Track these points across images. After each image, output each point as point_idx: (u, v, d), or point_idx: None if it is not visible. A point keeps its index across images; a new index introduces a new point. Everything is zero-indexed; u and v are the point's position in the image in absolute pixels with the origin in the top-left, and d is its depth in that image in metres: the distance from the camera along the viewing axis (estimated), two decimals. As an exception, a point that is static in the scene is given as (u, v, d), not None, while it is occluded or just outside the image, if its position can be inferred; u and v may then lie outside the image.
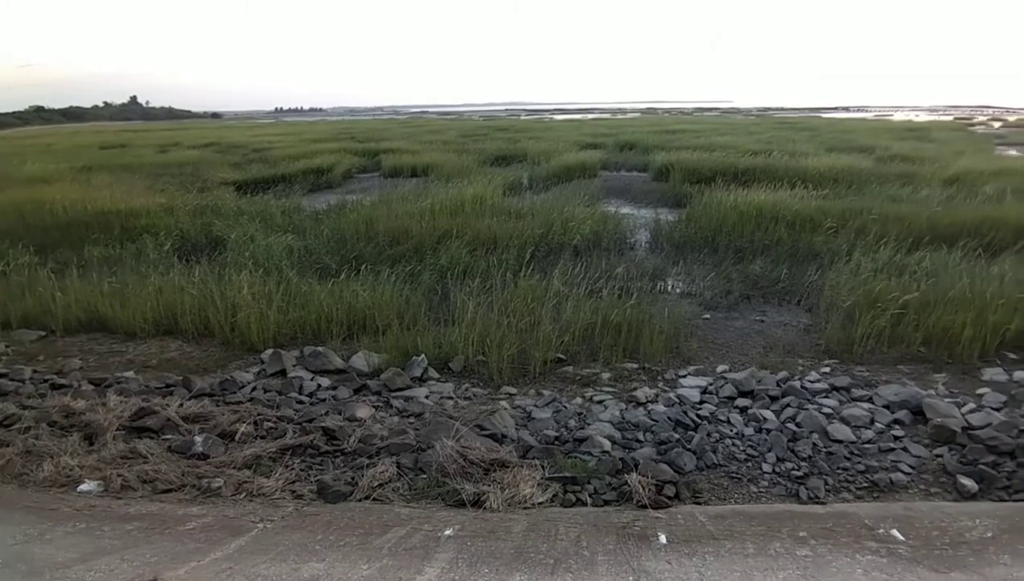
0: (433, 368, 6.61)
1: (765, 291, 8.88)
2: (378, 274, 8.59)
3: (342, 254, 10.01)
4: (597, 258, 9.55)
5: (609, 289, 7.80)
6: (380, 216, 11.78)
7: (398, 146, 27.80)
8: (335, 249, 10.34)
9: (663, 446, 4.98)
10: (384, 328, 7.33)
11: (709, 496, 4.46)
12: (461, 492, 4.30)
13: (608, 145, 27.80)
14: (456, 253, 9.67)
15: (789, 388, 5.90)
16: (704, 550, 3.71)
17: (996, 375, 6.28)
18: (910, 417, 5.42)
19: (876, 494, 4.48)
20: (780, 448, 4.93)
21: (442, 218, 11.64)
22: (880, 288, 7.36)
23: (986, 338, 6.67)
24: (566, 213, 11.68)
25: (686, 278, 9.50)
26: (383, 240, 10.72)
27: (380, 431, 5.25)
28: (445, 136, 35.08)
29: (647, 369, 6.57)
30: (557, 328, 6.89)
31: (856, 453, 4.92)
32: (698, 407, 5.66)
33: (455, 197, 13.28)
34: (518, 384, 6.36)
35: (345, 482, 4.52)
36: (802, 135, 30.27)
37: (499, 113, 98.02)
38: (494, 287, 7.96)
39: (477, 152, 24.88)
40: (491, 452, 4.79)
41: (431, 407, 5.76)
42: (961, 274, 7.69)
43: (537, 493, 4.35)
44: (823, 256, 9.67)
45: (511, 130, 40.12)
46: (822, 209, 11.82)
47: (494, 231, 10.83)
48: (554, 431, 5.27)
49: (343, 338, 7.40)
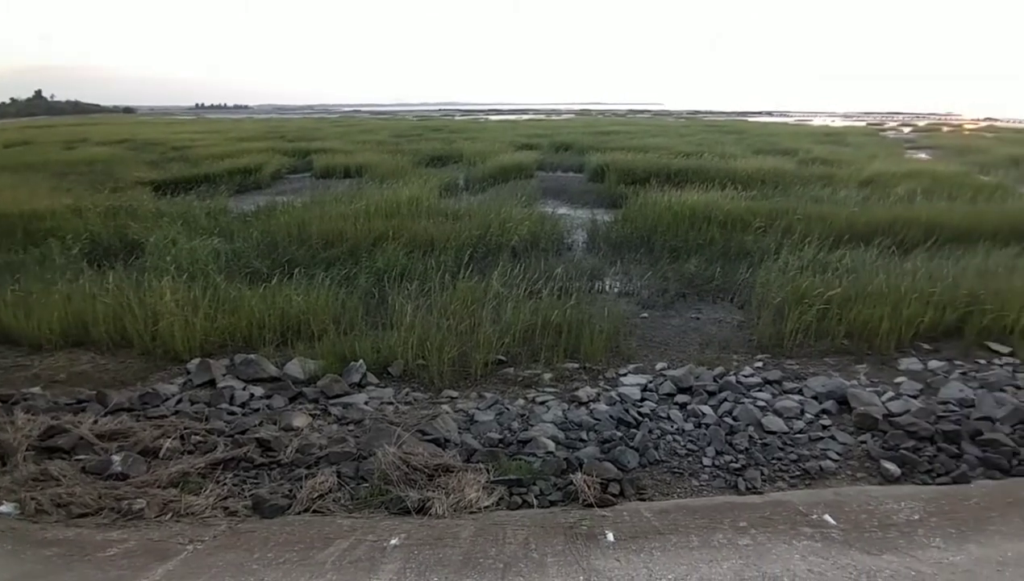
0: (372, 373, 6.46)
1: (700, 289, 9.16)
2: (312, 278, 8.32)
3: (273, 258, 9.63)
4: (536, 259, 9.59)
5: (548, 290, 7.83)
6: (313, 218, 11.43)
7: (330, 146, 27.04)
8: (266, 252, 9.95)
9: (606, 444, 5.04)
10: (320, 333, 7.10)
11: (653, 492, 4.55)
12: (405, 499, 4.21)
13: (544, 146, 27.99)
14: (393, 255, 9.50)
15: (725, 383, 6.10)
16: (651, 545, 3.77)
17: (912, 364, 6.72)
18: (836, 407, 5.72)
19: (808, 481, 4.70)
20: (719, 442, 5.09)
21: (378, 220, 11.41)
22: (806, 285, 7.72)
23: (902, 330, 7.14)
24: (503, 214, 11.68)
25: (623, 277, 9.67)
26: (317, 243, 10.40)
27: (318, 440, 5.08)
28: (379, 136, 34.40)
29: (588, 369, 6.64)
30: (497, 330, 6.87)
31: (789, 443, 5.15)
32: (639, 405, 5.76)
33: (390, 198, 13.06)
34: (460, 387, 6.30)
35: (283, 495, 4.34)
36: (730, 138, 31.42)
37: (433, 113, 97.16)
38: (433, 289, 7.86)
39: (412, 152, 24.53)
40: (435, 457, 4.72)
41: (371, 413, 5.62)
42: (878, 270, 8.20)
43: (483, 497, 4.32)
44: (753, 254, 10.06)
45: (446, 130, 39.81)
46: (751, 209, 12.28)
47: (431, 233, 10.71)
48: (498, 433, 5.25)
49: (277, 345, 7.12)
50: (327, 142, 29.46)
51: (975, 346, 7.14)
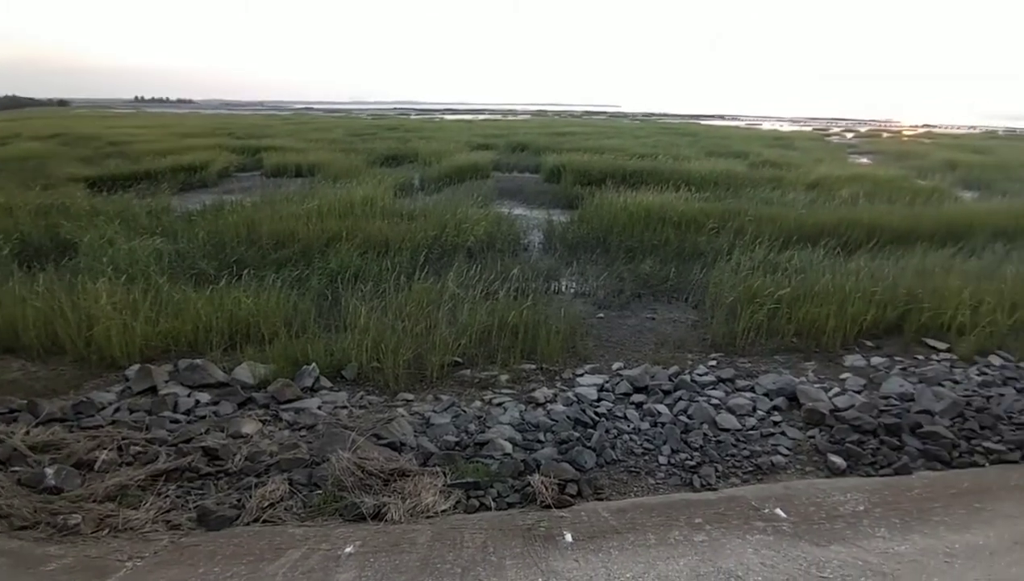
0: (325, 377, 6.30)
1: (655, 289, 9.28)
2: (262, 279, 8.06)
3: (221, 258, 9.29)
4: (492, 260, 9.55)
5: (505, 291, 7.81)
6: (263, 218, 11.09)
7: (281, 144, 26.32)
8: (213, 253, 9.59)
9: (564, 445, 5.04)
10: (271, 337, 6.87)
11: (610, 491, 4.57)
12: (360, 506, 4.12)
13: (500, 146, 28.02)
14: (346, 256, 9.30)
15: (680, 382, 6.19)
16: (609, 545, 3.79)
17: (856, 361, 6.97)
18: (786, 403, 5.88)
19: (760, 476, 4.81)
20: (674, 440, 5.16)
21: (331, 220, 11.17)
22: (758, 285, 7.92)
23: (847, 328, 7.40)
24: (459, 214, 11.59)
25: (580, 278, 9.71)
26: (267, 243, 10.09)
27: (269, 447, 4.91)
28: (332, 134, 33.76)
29: (545, 369, 6.63)
30: (453, 331, 6.80)
31: (742, 440, 5.26)
32: (596, 405, 5.78)
33: (344, 198, 12.80)
34: (415, 390, 6.21)
35: (230, 505, 4.18)
36: (684, 140, 32.01)
37: (388, 112, 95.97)
38: (387, 291, 7.74)
39: (366, 152, 24.16)
40: (390, 462, 4.64)
41: (324, 418, 5.48)
42: (824, 271, 8.48)
43: (440, 501, 4.27)
44: (707, 255, 10.26)
45: (401, 129, 39.37)
46: (705, 210, 12.52)
47: (386, 233, 10.54)
48: (454, 436, 5.20)
49: (224, 349, 6.86)
50: (278, 140, 28.73)
51: (914, 343, 7.46)
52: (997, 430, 5.38)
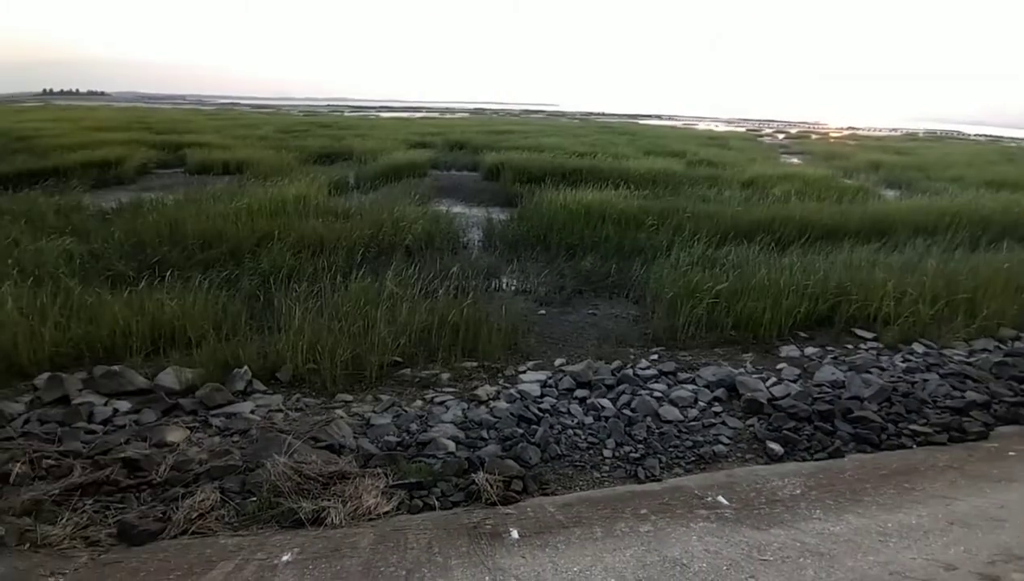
0: (259, 380, 6.01)
1: (596, 286, 9.35)
2: (188, 281, 7.64)
3: (140, 259, 8.73)
4: (431, 258, 9.42)
5: (445, 289, 7.71)
6: (188, 216, 10.52)
7: (206, 140, 25.13)
8: (131, 254, 9.01)
9: (508, 442, 4.99)
10: (198, 340, 6.49)
11: (556, 486, 4.54)
12: (298, 511, 3.93)
13: (438, 144, 27.78)
14: (279, 256, 8.93)
15: (623, 376, 6.22)
16: (556, 540, 3.76)
17: (791, 352, 7.23)
18: (726, 394, 6.02)
19: (703, 466, 4.90)
20: (618, 433, 5.18)
21: (261, 219, 10.73)
22: (697, 280, 8.09)
23: (782, 320, 7.66)
24: (397, 213, 11.39)
25: (521, 275, 9.69)
26: (193, 243, 9.56)
27: (198, 455, 4.63)
28: (261, 131, 32.50)
29: (487, 367, 6.56)
30: (393, 330, 6.64)
31: (684, 431, 5.35)
32: (539, 401, 5.76)
33: (276, 196, 12.32)
34: (354, 391, 6.02)
35: (154, 518, 3.90)
36: (623, 139, 32.62)
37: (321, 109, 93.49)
38: (323, 291, 7.47)
39: (298, 149, 23.35)
40: (329, 464, 4.46)
41: (258, 422, 5.22)
42: (760, 265, 8.76)
43: (382, 503, 4.14)
44: (647, 251, 10.42)
45: (335, 127, 38.33)
46: (644, 208, 12.72)
47: (320, 232, 10.21)
48: (396, 436, 5.08)
49: (146, 354, 6.41)
50: (202, 135, 27.37)
51: (844, 333, 7.80)
52: (923, 413, 5.70)
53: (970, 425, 5.49)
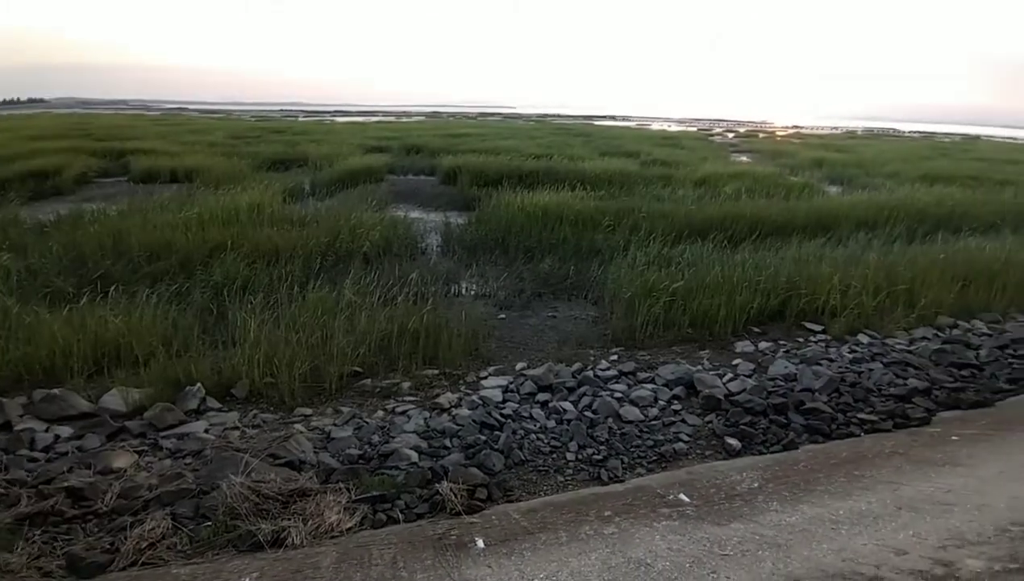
0: (213, 397, 5.83)
1: (555, 288, 9.40)
2: (134, 296, 7.34)
3: (81, 274, 8.36)
4: (389, 265, 9.32)
5: (404, 296, 7.63)
6: (133, 227, 10.13)
7: (152, 147, 24.22)
8: (71, 269, 8.62)
9: (471, 449, 4.97)
10: (146, 358, 6.24)
11: (520, 492, 4.55)
12: (257, 533, 3.81)
13: (394, 148, 27.50)
14: (232, 267, 8.68)
15: (584, 378, 6.27)
16: (521, 547, 3.75)
17: (746, 347, 7.41)
18: (685, 392, 6.14)
19: (664, 464, 4.97)
20: (580, 436, 5.22)
21: (213, 228, 10.42)
22: (653, 279, 8.20)
23: (736, 316, 7.85)
24: (354, 220, 11.21)
25: (480, 280, 9.67)
26: (138, 256, 9.19)
27: (147, 480, 4.44)
28: (211, 137, 31.58)
29: (448, 374, 6.53)
30: (352, 340, 6.54)
31: (645, 430, 5.42)
32: (501, 406, 5.76)
33: (228, 205, 11.97)
34: (314, 404, 5.90)
35: (102, 550, 3.72)
36: (578, 140, 32.91)
37: (273, 114, 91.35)
38: (279, 302, 7.30)
39: (251, 155, 22.79)
40: (289, 482, 4.35)
41: (213, 442, 5.04)
42: (714, 263, 8.94)
43: (345, 518, 4.05)
44: (604, 252, 10.53)
45: (288, 132, 37.54)
46: (600, 209, 12.84)
47: (276, 241, 9.97)
48: (357, 449, 4.99)
49: (89, 375, 6.13)
50: (147, 142, 26.37)
51: (795, 327, 8.05)
52: (869, 402, 5.93)
53: (913, 411, 5.74)
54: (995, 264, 9.43)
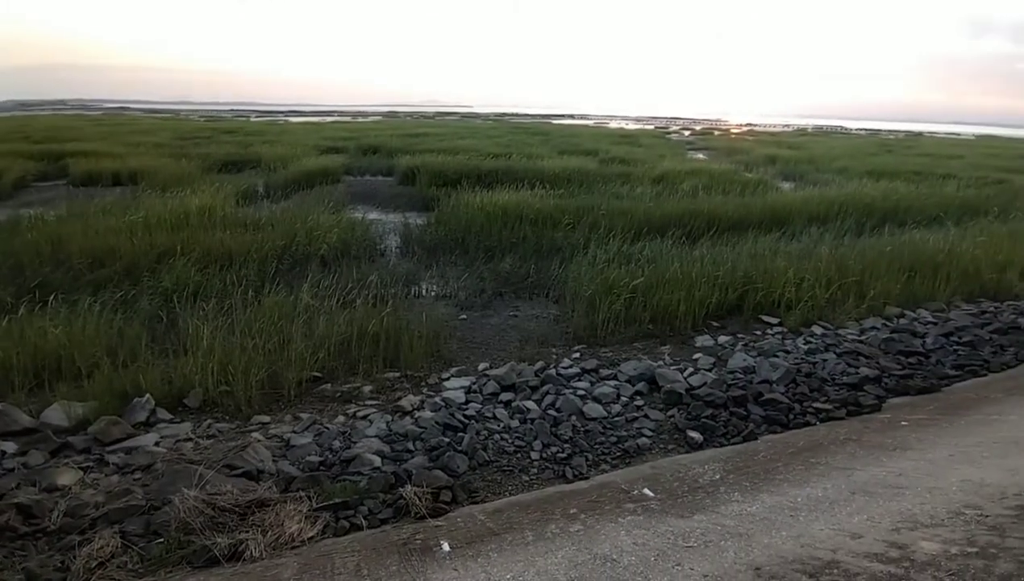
0: (164, 408, 5.61)
1: (516, 287, 9.39)
2: (75, 305, 7.02)
3: (19, 283, 7.97)
4: (348, 267, 9.19)
5: (363, 298, 7.52)
6: (73, 233, 9.73)
7: (93, 148, 23.17)
8: (8, 278, 8.21)
9: (435, 452, 4.92)
10: (90, 370, 5.97)
11: (485, 493, 4.51)
12: (213, 548, 3.66)
13: (350, 149, 27.07)
14: (183, 272, 8.39)
15: (547, 377, 6.27)
16: (487, 548, 3.72)
17: (705, 341, 7.53)
18: (647, 387, 6.19)
19: (628, 460, 5.01)
20: (544, 434, 5.22)
21: (161, 233, 10.08)
22: (614, 276, 8.27)
23: (695, 311, 7.99)
24: (310, 222, 11.00)
25: (440, 280, 9.61)
26: (80, 263, 8.81)
27: (93, 497, 4.24)
28: (157, 137, 30.49)
29: (410, 376, 6.45)
30: (310, 345, 6.41)
31: (609, 427, 5.45)
32: (464, 407, 5.71)
33: (177, 208, 11.59)
34: (272, 411, 5.75)
35: (54, 568, 3.55)
36: (536, 139, 33.04)
37: (224, 114, 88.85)
38: (234, 307, 7.08)
39: (201, 157, 22.08)
40: (246, 493, 4.20)
41: (164, 455, 4.85)
42: (673, 259, 9.08)
43: (306, 528, 3.94)
44: (564, 250, 10.57)
45: (240, 133, 36.54)
46: (560, 207, 12.90)
47: (228, 245, 9.71)
48: (318, 456, 4.88)
49: (30, 389, 5.84)
50: (88, 144, 25.22)
51: (752, 320, 8.23)
52: (824, 391, 6.10)
53: (864, 399, 5.93)
54: (939, 255, 9.85)
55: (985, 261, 9.91)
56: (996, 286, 9.60)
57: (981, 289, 9.52)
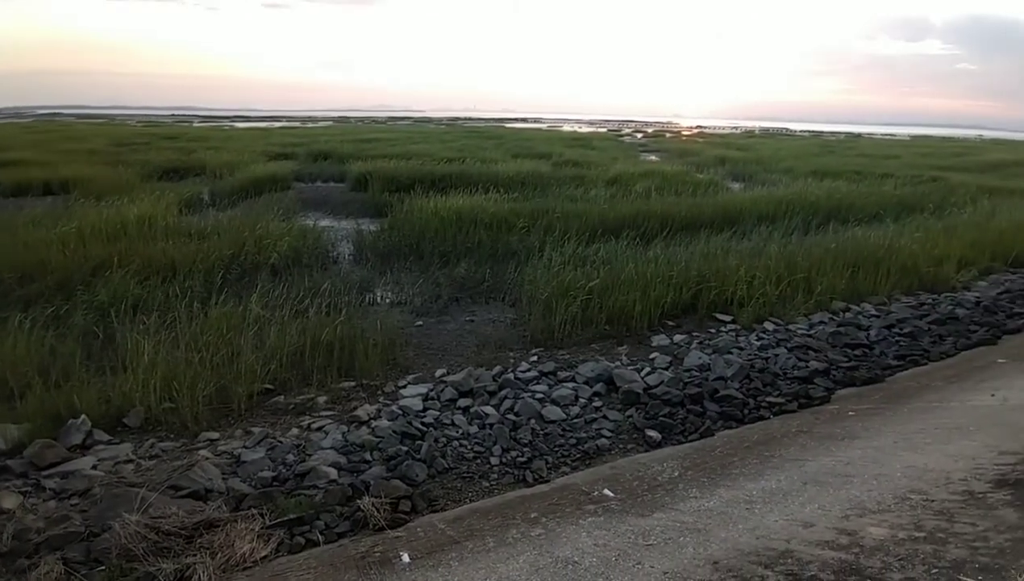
0: (102, 429, 5.32)
1: (472, 292, 9.33)
2: (5, 322, 6.62)
3: (-58, 302, 7.47)
4: (299, 276, 8.97)
5: (316, 307, 7.33)
6: (1, 246, 9.17)
7: (21, 157, 21.96)
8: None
9: (392, 461, 4.84)
10: (21, 390, 5.62)
11: (445, 501, 4.46)
12: (157, 574, 3.50)
13: (300, 155, 26.47)
14: (121, 285, 8.00)
15: (505, 381, 6.24)
16: (448, 557, 3.67)
17: (661, 341, 7.63)
18: (605, 388, 6.23)
19: (588, 461, 5.02)
20: (504, 439, 5.19)
21: (97, 244, 9.63)
22: (569, 278, 8.31)
23: (651, 311, 8.08)
24: (259, 230, 10.68)
25: (395, 287, 9.48)
26: (8, 278, 8.33)
27: (35, 523, 4.02)
28: (91, 144, 29.10)
29: (366, 385, 6.34)
30: (261, 356, 6.21)
31: (568, 429, 5.46)
32: (422, 415, 5.63)
33: (113, 218, 11.11)
34: (221, 427, 5.54)
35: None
36: (490, 143, 33.07)
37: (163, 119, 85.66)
38: (178, 320, 6.79)
39: (139, 164, 21.19)
40: (193, 514, 4.04)
41: (101, 479, 4.60)
42: (628, 260, 9.19)
43: (259, 547, 3.81)
44: (520, 254, 10.58)
45: (182, 138, 35.25)
46: (514, 211, 12.91)
47: (171, 255, 9.33)
48: (271, 471, 4.73)
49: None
50: (16, 152, 23.87)
51: (707, 318, 8.39)
52: (776, 386, 6.26)
53: (815, 391, 6.11)
54: (879, 251, 10.28)
55: (922, 255, 10.40)
56: (933, 279, 10.08)
57: (919, 282, 9.96)
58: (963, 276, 10.41)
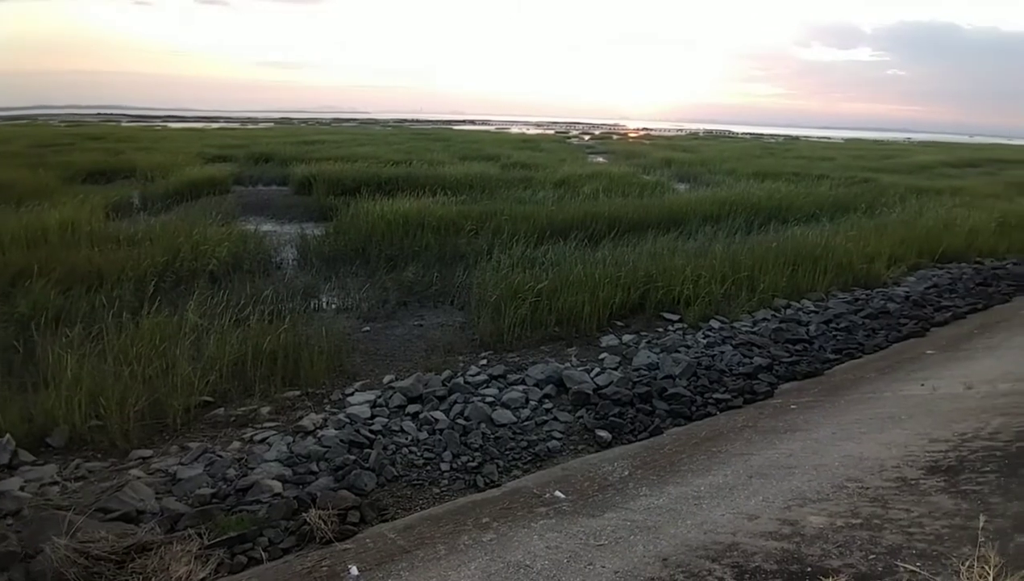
0: (25, 449, 4.98)
1: (420, 295, 9.22)
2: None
3: None
4: (240, 282, 8.68)
5: (258, 315, 7.08)
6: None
7: (-68, 162, 20.52)
8: None
9: (340, 471, 4.72)
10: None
11: (395, 510, 4.38)
12: (87, 605, 3.27)
13: (240, 157, 25.55)
14: (41, 295, 7.53)
15: (454, 386, 6.17)
16: (398, 568, 3.59)
17: (610, 341, 7.70)
18: (555, 390, 6.24)
19: (539, 464, 5.02)
20: (454, 444, 5.12)
21: (14, 252, 9.09)
22: (518, 280, 8.31)
23: (600, 312, 8.15)
24: (196, 235, 10.25)
25: (341, 292, 9.27)
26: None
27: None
28: (11, 146, 27.31)
29: (311, 394, 6.17)
30: (199, 368, 5.95)
31: (519, 431, 5.44)
32: (370, 422, 5.52)
33: (33, 224, 10.48)
34: (154, 443, 5.27)
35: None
36: (437, 145, 32.68)
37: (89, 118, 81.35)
38: (105, 331, 6.42)
39: (61, 166, 20.00)
40: (124, 538, 3.81)
41: (29, 500, 4.30)
42: (576, 261, 9.27)
43: (196, 569, 3.62)
44: (468, 256, 10.52)
45: (110, 139, 33.40)
46: (462, 213, 12.82)
47: (98, 263, 8.86)
48: (210, 488, 4.53)
49: None
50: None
51: (654, 317, 8.52)
52: (722, 382, 6.41)
53: (759, 386, 6.28)
54: (817, 249, 10.70)
55: (856, 253, 10.88)
56: (866, 275, 10.55)
57: (854, 278, 10.41)
58: (893, 272, 10.93)
